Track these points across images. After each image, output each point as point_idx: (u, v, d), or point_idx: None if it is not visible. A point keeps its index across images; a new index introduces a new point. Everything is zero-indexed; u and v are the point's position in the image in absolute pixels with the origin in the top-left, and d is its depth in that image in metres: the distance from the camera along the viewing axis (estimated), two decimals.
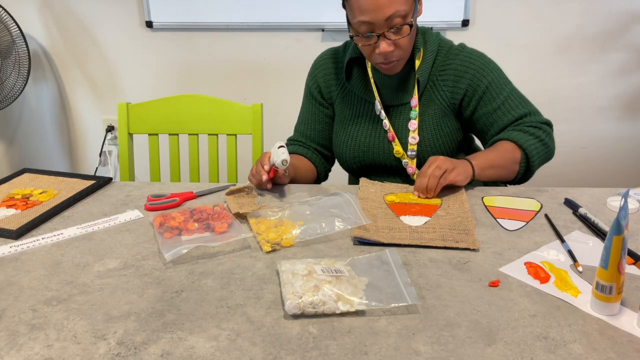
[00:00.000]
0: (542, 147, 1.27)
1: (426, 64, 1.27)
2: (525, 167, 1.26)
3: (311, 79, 1.42)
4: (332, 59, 1.39)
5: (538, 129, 1.27)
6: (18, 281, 0.90)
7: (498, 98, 1.28)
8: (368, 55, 1.22)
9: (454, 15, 2.24)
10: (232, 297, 0.84)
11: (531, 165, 1.26)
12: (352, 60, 1.33)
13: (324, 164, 1.45)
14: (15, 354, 0.73)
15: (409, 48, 1.22)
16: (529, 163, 1.25)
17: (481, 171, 1.19)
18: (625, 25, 2.24)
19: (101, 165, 2.63)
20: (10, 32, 2.22)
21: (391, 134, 1.31)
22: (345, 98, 1.37)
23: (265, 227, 1.03)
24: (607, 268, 0.76)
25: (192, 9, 2.31)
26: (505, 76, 1.32)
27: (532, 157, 1.25)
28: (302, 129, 1.44)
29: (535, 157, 1.25)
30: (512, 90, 1.31)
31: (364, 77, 1.34)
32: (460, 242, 0.98)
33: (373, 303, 0.80)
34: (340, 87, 1.38)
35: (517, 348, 0.72)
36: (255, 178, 1.21)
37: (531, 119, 1.29)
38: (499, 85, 1.29)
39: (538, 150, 1.26)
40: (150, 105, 1.68)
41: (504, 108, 1.29)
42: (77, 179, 1.32)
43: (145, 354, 0.72)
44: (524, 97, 1.33)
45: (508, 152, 1.24)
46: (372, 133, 1.33)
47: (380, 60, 1.20)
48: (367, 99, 1.34)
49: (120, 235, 1.05)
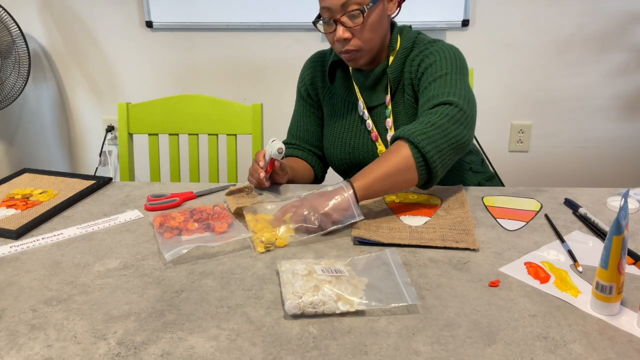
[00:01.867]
0: (433, 131, 1.04)
1: (397, 61, 1.27)
2: (423, 162, 1.04)
3: (301, 80, 1.44)
4: (319, 62, 1.40)
5: (430, 113, 1.08)
6: (18, 281, 0.90)
7: (429, 78, 1.18)
8: (331, 43, 1.24)
9: (454, 15, 2.24)
10: (232, 297, 0.84)
11: (425, 153, 1.03)
12: (336, 62, 1.35)
13: (320, 164, 1.46)
14: (15, 354, 0.73)
15: (369, 39, 1.20)
16: (421, 151, 1.03)
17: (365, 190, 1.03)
18: (625, 25, 2.24)
19: (101, 165, 2.63)
20: (10, 32, 2.22)
21: (374, 133, 1.32)
22: (330, 100, 1.39)
23: (262, 225, 1.03)
24: (607, 268, 0.76)
25: (192, 9, 2.31)
26: (455, 64, 1.18)
27: (419, 142, 1.03)
28: (295, 132, 1.45)
29: (424, 141, 1.03)
30: (449, 75, 1.16)
31: (346, 79, 1.35)
32: (460, 242, 0.98)
33: (373, 303, 0.80)
34: (325, 90, 1.40)
35: (517, 348, 0.72)
36: (253, 177, 1.21)
37: (433, 102, 1.11)
38: (438, 67, 1.18)
39: (426, 134, 1.04)
40: (150, 105, 1.68)
41: (428, 89, 1.16)
42: (77, 179, 1.32)
43: (145, 354, 0.72)
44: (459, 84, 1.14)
45: (394, 155, 1.05)
46: (357, 134, 1.34)
47: (339, 47, 1.22)
48: (350, 101, 1.35)
49: (120, 235, 1.05)
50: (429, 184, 1.08)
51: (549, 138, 2.44)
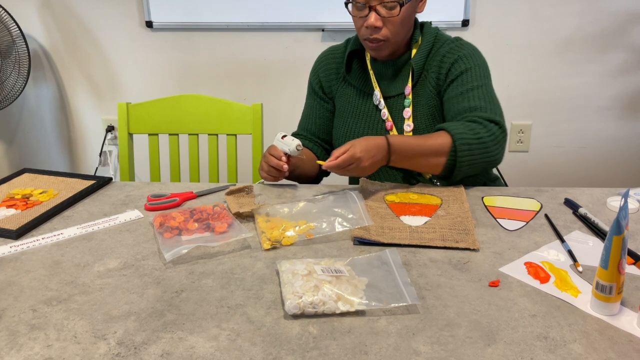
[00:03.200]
0: (477, 144, 1.16)
1: (421, 54, 1.30)
2: (453, 160, 1.16)
3: (313, 74, 1.46)
4: (333, 55, 1.43)
5: (479, 124, 1.18)
6: (18, 281, 0.90)
7: (466, 85, 1.25)
8: (358, 28, 1.26)
9: (454, 15, 2.24)
10: (232, 297, 0.84)
11: (458, 159, 1.15)
12: (352, 53, 1.37)
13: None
14: (15, 354, 0.73)
15: (397, 32, 1.24)
16: (457, 156, 1.15)
17: (400, 157, 1.16)
18: (625, 25, 2.24)
19: (101, 165, 2.63)
20: (10, 32, 2.22)
21: (390, 123, 1.33)
22: (344, 91, 1.41)
23: (272, 225, 1.04)
24: (607, 268, 0.76)
25: (192, 9, 2.31)
26: (487, 74, 1.29)
27: (460, 150, 1.15)
28: (304, 124, 1.47)
29: (465, 151, 1.15)
30: (485, 87, 1.26)
31: (363, 69, 1.37)
32: (460, 242, 0.98)
33: (373, 303, 0.80)
34: (340, 82, 1.41)
35: (517, 348, 0.72)
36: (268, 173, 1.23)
37: (480, 114, 1.21)
38: (474, 76, 1.26)
39: (470, 146, 1.15)
40: (150, 105, 1.68)
41: (466, 96, 1.24)
42: (77, 179, 1.32)
43: (145, 354, 0.72)
44: (496, 100, 1.26)
45: (435, 140, 1.17)
46: (371, 124, 1.36)
47: (367, 34, 1.23)
48: (365, 91, 1.37)
49: (120, 235, 1.05)
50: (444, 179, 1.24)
51: (549, 138, 2.44)
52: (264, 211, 1.09)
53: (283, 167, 1.21)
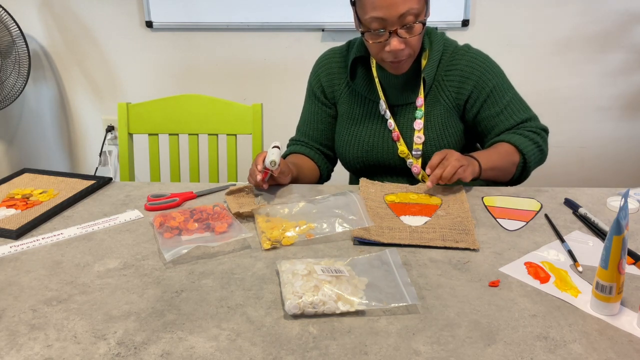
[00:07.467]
0: (538, 152, 1.31)
1: (432, 64, 1.27)
2: (521, 170, 1.29)
3: (314, 78, 1.41)
4: (335, 59, 1.38)
5: (537, 134, 1.31)
6: (18, 281, 0.90)
7: (501, 102, 1.31)
8: (376, 52, 1.21)
9: (454, 15, 2.24)
10: (232, 297, 0.84)
11: (527, 168, 1.29)
12: (356, 59, 1.33)
13: (327, 164, 1.45)
14: (15, 354, 0.73)
15: (417, 47, 1.22)
16: (526, 166, 1.29)
17: (485, 171, 1.21)
18: (625, 25, 2.24)
19: (101, 165, 2.63)
20: (10, 32, 2.22)
21: (396, 133, 1.31)
22: (348, 98, 1.37)
23: (272, 225, 1.04)
24: (607, 268, 0.76)
25: (192, 9, 2.31)
26: (508, 80, 1.35)
27: (529, 161, 1.28)
28: (304, 129, 1.43)
29: (532, 161, 1.29)
30: (514, 95, 1.34)
31: (368, 76, 1.34)
32: (460, 242, 0.98)
33: (373, 303, 0.80)
34: (343, 87, 1.37)
35: (517, 348, 0.72)
36: (253, 178, 1.21)
37: (531, 125, 1.32)
38: (503, 90, 1.32)
39: (535, 155, 1.30)
40: (150, 105, 1.68)
41: (507, 112, 1.31)
42: (77, 179, 1.32)
43: (145, 354, 0.72)
44: (524, 102, 1.35)
45: (509, 154, 1.26)
46: (376, 133, 1.33)
47: (390, 58, 1.20)
48: (371, 99, 1.34)
49: (120, 235, 1.05)
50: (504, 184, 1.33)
51: (549, 138, 2.43)
52: (264, 211, 1.09)
53: (263, 186, 1.19)
